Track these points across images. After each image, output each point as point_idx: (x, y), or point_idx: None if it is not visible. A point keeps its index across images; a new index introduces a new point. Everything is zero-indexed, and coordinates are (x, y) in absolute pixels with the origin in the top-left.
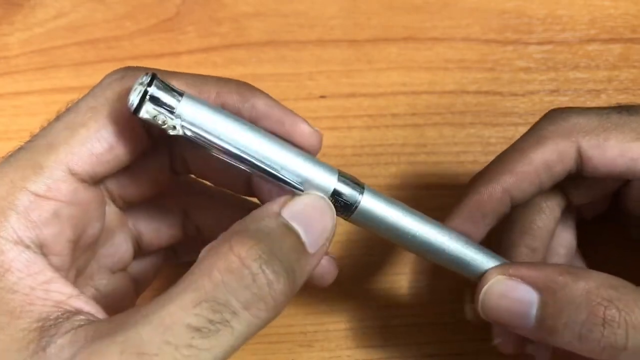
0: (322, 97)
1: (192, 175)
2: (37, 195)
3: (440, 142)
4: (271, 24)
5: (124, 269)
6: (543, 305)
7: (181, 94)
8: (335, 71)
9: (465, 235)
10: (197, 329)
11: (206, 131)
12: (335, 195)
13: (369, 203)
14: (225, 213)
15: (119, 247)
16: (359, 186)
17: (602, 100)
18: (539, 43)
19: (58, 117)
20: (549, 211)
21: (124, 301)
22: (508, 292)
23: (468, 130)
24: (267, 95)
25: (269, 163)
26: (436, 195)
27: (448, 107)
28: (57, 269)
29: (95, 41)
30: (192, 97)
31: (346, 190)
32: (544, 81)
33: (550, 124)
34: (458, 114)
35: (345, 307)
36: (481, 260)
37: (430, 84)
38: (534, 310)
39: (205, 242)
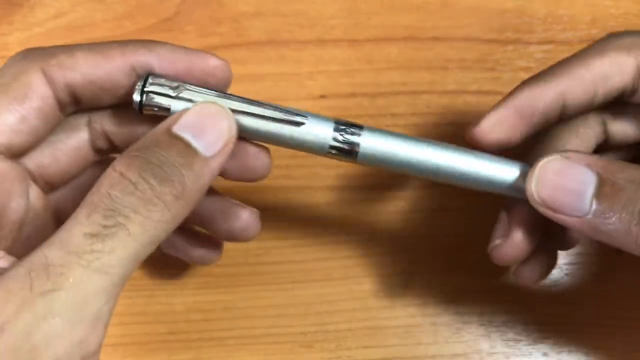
0: (322, 97)
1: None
2: None
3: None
4: (271, 24)
5: None
6: (601, 184)
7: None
8: (335, 71)
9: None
10: (94, 235)
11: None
12: (335, 142)
13: (371, 141)
14: None
15: (44, 231)
16: (357, 127)
17: None
18: (540, 43)
19: None
20: (585, 137)
21: None
22: (565, 169)
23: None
24: (169, 43)
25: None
26: (436, 195)
27: (448, 107)
28: None
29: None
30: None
31: (343, 135)
32: None
33: (612, 40)
34: (458, 114)
35: (345, 307)
36: (511, 167)
37: (430, 84)
38: (590, 191)
39: None
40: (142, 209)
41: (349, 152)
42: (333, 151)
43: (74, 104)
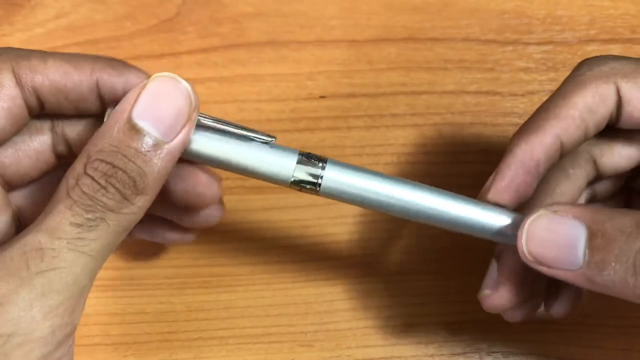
0: (322, 97)
1: None
2: None
3: (440, 142)
4: (271, 24)
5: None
6: (591, 236)
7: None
8: (335, 71)
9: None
10: (80, 225)
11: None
12: (298, 176)
13: (333, 174)
14: None
15: (1, 225)
16: (321, 160)
17: None
18: (539, 43)
19: None
20: (575, 179)
21: None
22: (554, 225)
23: (468, 130)
24: (138, 69)
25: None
26: None
27: (448, 107)
28: None
29: (95, 41)
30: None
31: (307, 169)
32: (543, 81)
33: (588, 69)
34: (458, 114)
35: (345, 307)
36: (493, 214)
37: (430, 84)
38: (581, 245)
39: None
40: (114, 206)
41: (312, 184)
42: (295, 184)
43: (40, 108)
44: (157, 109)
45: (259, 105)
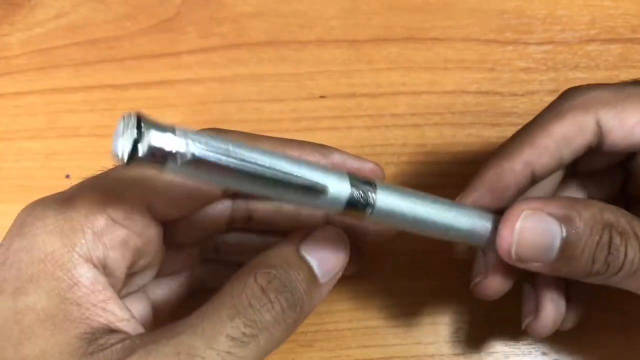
0: (322, 97)
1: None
2: (114, 220)
3: (440, 142)
4: (271, 24)
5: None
6: (567, 234)
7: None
8: (335, 71)
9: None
10: (234, 339)
11: (216, 152)
12: (350, 200)
13: (384, 202)
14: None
15: (154, 254)
16: (371, 185)
17: None
18: (539, 43)
19: None
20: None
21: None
22: (538, 226)
23: (468, 130)
24: (339, 150)
25: (279, 176)
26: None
27: (448, 107)
28: None
29: (95, 41)
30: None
31: (358, 194)
32: (543, 81)
33: (569, 99)
34: (458, 114)
35: (345, 307)
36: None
37: (430, 84)
38: (557, 241)
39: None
40: (272, 327)
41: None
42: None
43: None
44: (323, 251)
45: (259, 105)
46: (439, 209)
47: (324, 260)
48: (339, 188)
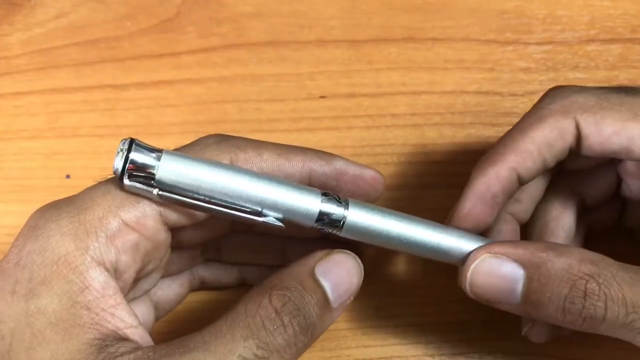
0: (322, 97)
1: None
2: (127, 224)
3: (440, 142)
4: (271, 24)
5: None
6: (528, 280)
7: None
8: (335, 71)
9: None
10: (245, 359)
11: (184, 182)
12: (322, 216)
13: (356, 217)
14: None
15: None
16: (344, 203)
17: None
18: (539, 43)
19: None
20: (567, 229)
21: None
22: (494, 269)
23: (468, 130)
24: (341, 157)
25: (249, 203)
26: (436, 196)
27: (448, 107)
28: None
29: (95, 41)
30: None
31: (331, 209)
32: (543, 81)
33: (550, 102)
34: (458, 114)
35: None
36: (466, 243)
37: (430, 84)
38: (519, 287)
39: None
40: (282, 350)
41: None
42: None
43: None
44: (338, 276)
45: (259, 105)
46: (410, 228)
47: (338, 285)
48: (310, 205)
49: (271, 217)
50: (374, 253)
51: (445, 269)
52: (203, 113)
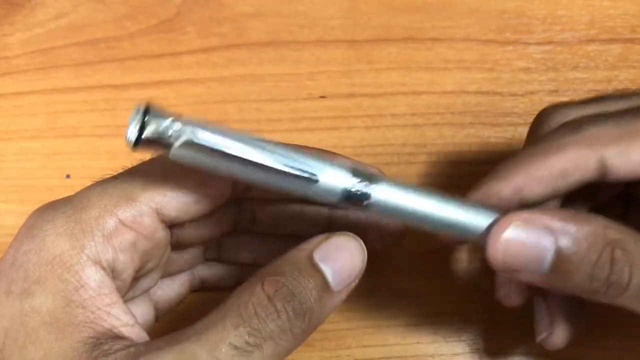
0: (322, 97)
1: None
2: (123, 223)
3: (440, 142)
4: (271, 24)
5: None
6: (558, 249)
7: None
8: (335, 71)
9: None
10: (237, 348)
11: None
12: (348, 192)
13: (382, 195)
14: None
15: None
16: (372, 179)
17: None
18: (539, 43)
19: (158, 157)
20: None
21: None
22: (527, 238)
23: (468, 130)
24: (343, 155)
25: (278, 164)
26: None
27: (448, 107)
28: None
29: (95, 41)
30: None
31: (357, 185)
32: (543, 81)
33: (573, 131)
34: (458, 114)
35: (345, 307)
36: (488, 216)
37: (430, 84)
38: (549, 255)
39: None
40: (277, 336)
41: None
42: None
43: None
44: (338, 259)
45: (259, 105)
46: (442, 204)
47: (339, 269)
48: (336, 178)
49: (326, 182)
50: (374, 253)
51: (445, 270)
52: (203, 113)
